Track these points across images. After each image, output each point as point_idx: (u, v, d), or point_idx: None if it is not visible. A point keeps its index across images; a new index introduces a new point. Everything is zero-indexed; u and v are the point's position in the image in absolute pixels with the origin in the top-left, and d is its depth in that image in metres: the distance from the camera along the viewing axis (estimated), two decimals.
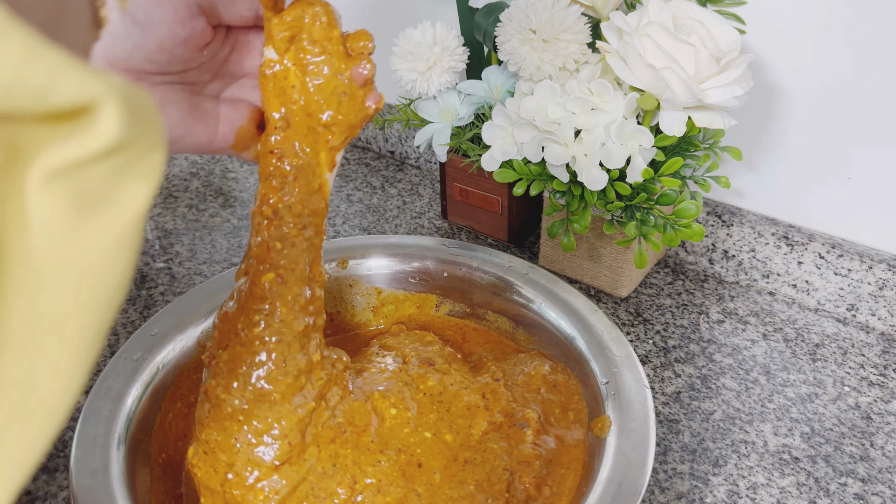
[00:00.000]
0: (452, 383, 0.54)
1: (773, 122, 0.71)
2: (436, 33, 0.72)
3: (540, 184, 0.66)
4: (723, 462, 0.58)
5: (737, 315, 0.73)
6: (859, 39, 0.63)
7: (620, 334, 0.56)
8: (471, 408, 0.53)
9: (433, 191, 0.94)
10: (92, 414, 0.51)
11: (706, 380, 0.66)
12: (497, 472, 0.49)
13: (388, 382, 0.53)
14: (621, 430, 0.49)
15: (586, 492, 0.45)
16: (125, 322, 0.74)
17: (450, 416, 0.52)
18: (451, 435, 0.51)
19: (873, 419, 0.61)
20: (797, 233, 0.72)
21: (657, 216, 0.63)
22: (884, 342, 0.69)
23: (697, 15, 0.58)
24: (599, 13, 0.63)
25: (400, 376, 0.53)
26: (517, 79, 0.68)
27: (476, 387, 0.54)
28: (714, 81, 0.58)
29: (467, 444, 0.51)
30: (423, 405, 0.52)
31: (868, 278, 0.69)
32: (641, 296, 0.75)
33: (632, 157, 0.61)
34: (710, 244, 0.78)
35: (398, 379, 0.53)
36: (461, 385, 0.54)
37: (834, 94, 0.66)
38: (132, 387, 0.53)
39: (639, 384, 0.52)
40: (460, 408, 0.53)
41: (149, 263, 0.83)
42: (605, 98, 0.61)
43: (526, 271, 0.62)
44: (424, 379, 0.54)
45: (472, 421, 0.52)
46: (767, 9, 0.66)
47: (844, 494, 0.56)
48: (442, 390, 0.53)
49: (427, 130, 0.75)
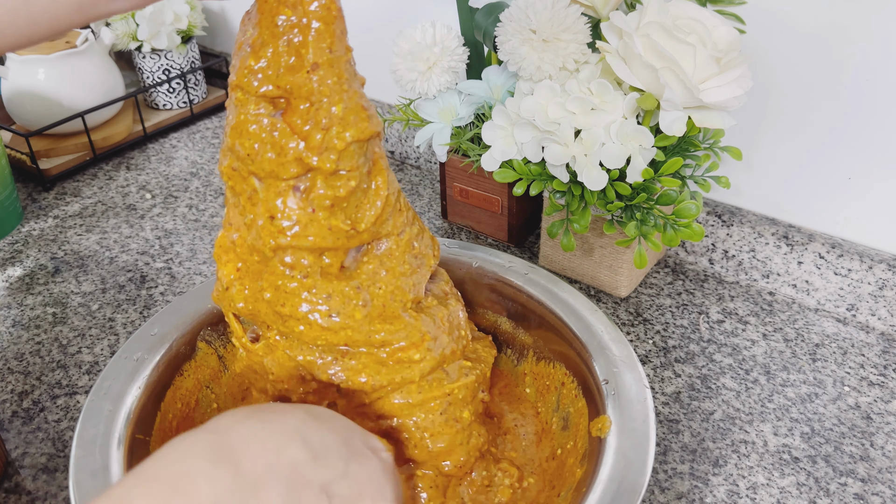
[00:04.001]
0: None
1: (773, 122, 0.71)
2: (436, 33, 0.72)
3: (540, 184, 0.66)
4: (723, 462, 0.58)
5: (737, 315, 0.73)
6: (859, 39, 0.63)
7: (620, 334, 0.56)
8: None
9: (433, 191, 0.94)
10: (92, 414, 0.51)
11: (706, 380, 0.66)
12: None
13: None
14: (621, 430, 0.49)
15: (586, 492, 0.45)
16: (125, 322, 0.74)
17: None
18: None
19: (873, 419, 0.61)
20: (797, 233, 0.72)
21: (657, 216, 0.63)
22: (884, 342, 0.69)
23: (697, 15, 0.58)
24: (599, 13, 0.63)
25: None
26: (517, 79, 0.68)
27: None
28: (714, 81, 0.58)
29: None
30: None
31: (868, 278, 0.69)
32: (641, 296, 0.75)
33: (632, 157, 0.61)
34: (710, 244, 0.78)
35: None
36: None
37: (834, 94, 0.66)
38: (132, 387, 0.53)
39: (639, 384, 0.52)
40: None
41: (149, 263, 0.83)
42: (605, 98, 0.61)
43: (526, 271, 0.62)
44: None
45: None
46: (767, 9, 0.66)
47: (844, 494, 0.56)
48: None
49: (427, 130, 0.75)
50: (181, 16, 1.08)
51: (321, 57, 0.43)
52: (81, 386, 0.67)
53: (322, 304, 0.48)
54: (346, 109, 0.44)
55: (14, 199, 0.89)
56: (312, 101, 0.44)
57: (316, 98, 0.44)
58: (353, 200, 0.47)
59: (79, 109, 1.00)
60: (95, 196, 0.96)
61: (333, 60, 0.44)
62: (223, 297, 0.50)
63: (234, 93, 0.45)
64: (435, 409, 0.52)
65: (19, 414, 0.64)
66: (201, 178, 1.00)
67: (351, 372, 0.50)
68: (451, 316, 0.54)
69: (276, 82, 0.43)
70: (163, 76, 1.11)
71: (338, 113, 0.44)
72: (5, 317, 0.75)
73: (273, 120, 0.44)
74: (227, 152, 0.46)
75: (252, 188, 0.46)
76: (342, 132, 0.44)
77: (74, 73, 1.00)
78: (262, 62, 0.43)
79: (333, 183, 0.45)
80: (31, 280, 0.81)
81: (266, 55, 0.43)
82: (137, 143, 1.07)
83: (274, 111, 0.44)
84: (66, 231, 0.89)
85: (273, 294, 0.48)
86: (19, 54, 0.99)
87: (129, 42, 1.08)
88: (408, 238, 0.52)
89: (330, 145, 0.44)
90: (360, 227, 0.48)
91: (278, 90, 0.43)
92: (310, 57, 0.43)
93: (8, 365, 0.69)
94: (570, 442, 0.54)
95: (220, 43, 1.23)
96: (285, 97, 0.44)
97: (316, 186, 0.45)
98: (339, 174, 0.45)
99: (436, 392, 0.52)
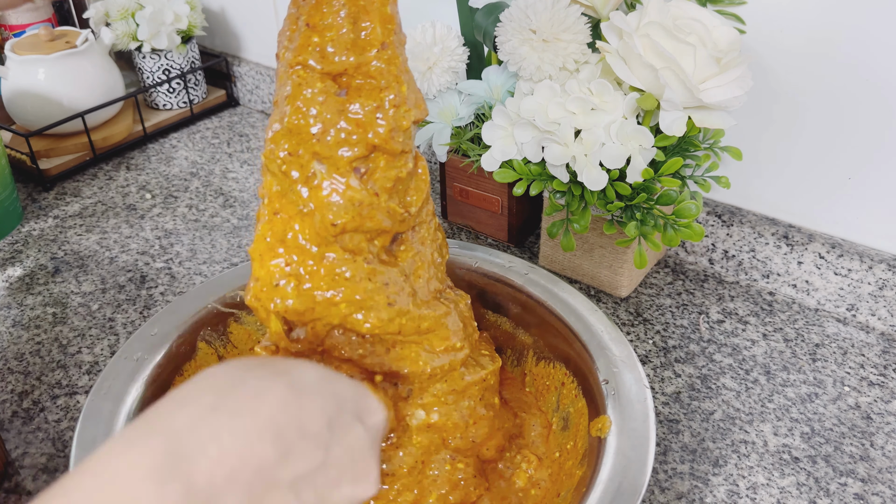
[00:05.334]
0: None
1: (773, 122, 0.71)
2: (436, 33, 0.72)
3: (540, 184, 0.66)
4: (723, 462, 0.58)
5: (737, 315, 0.73)
6: (859, 39, 0.63)
7: (620, 334, 0.56)
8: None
9: (433, 191, 0.94)
10: (92, 414, 0.51)
11: (706, 380, 0.66)
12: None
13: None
14: (621, 430, 0.49)
15: (586, 492, 0.45)
16: (125, 322, 0.74)
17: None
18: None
19: (873, 419, 0.61)
20: (797, 233, 0.72)
21: (657, 216, 0.63)
22: (884, 342, 0.69)
23: (697, 15, 0.58)
24: (599, 13, 0.63)
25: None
26: (517, 79, 0.68)
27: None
28: (714, 81, 0.58)
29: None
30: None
31: (868, 278, 0.69)
32: (641, 296, 0.75)
33: (632, 157, 0.61)
34: (710, 244, 0.78)
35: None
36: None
37: (834, 94, 0.66)
38: (132, 387, 0.53)
39: (639, 384, 0.52)
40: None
41: (149, 263, 0.83)
42: (605, 98, 0.61)
43: (526, 271, 0.62)
44: None
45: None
46: (767, 9, 0.66)
47: (844, 494, 0.56)
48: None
49: (427, 130, 0.75)
50: (181, 16, 1.08)
51: (388, 36, 0.43)
52: (81, 386, 0.67)
53: (380, 291, 0.46)
54: (409, 90, 0.44)
55: (14, 199, 0.89)
56: (379, 80, 0.43)
57: (385, 77, 0.43)
58: (407, 183, 0.47)
59: (79, 109, 1.00)
60: (95, 196, 0.96)
61: (399, 42, 0.44)
62: (268, 295, 0.46)
63: (295, 71, 0.43)
64: (475, 395, 0.52)
65: (19, 414, 0.64)
66: (201, 178, 1.00)
67: (403, 362, 0.49)
68: (468, 305, 0.55)
69: (342, 60, 0.42)
70: (163, 76, 1.11)
71: (403, 93, 0.44)
72: (5, 317, 0.76)
73: (339, 99, 0.43)
74: (284, 134, 0.44)
75: (308, 172, 0.44)
76: (408, 112, 0.44)
77: (74, 73, 1.00)
78: (326, 39, 0.42)
79: (397, 163, 0.45)
80: (31, 280, 0.81)
81: (330, 33, 0.42)
82: (137, 143, 1.07)
83: (339, 90, 0.43)
84: (66, 231, 0.89)
85: (329, 284, 0.45)
86: (19, 54, 0.99)
87: (129, 42, 1.08)
88: (435, 226, 0.52)
89: (398, 125, 0.44)
90: (412, 209, 0.47)
91: (344, 67, 0.42)
92: (378, 35, 0.42)
93: (8, 365, 0.69)
94: (570, 442, 0.54)
95: (220, 43, 1.23)
96: (350, 75, 0.43)
97: (379, 167, 0.44)
98: (402, 154, 0.45)
99: (476, 377, 0.52)
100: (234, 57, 1.20)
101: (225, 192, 0.96)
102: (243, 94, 1.20)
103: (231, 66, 1.19)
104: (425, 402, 0.51)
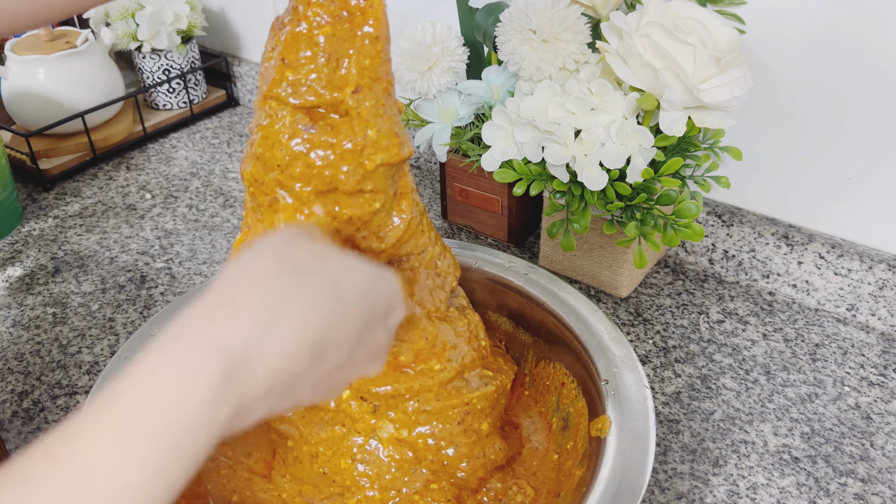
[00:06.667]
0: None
1: (773, 121, 0.71)
2: (436, 33, 0.72)
3: (540, 184, 0.66)
4: (723, 462, 0.58)
5: (737, 315, 0.73)
6: (859, 39, 0.63)
7: (620, 334, 0.56)
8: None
9: (433, 191, 0.94)
10: None
11: (706, 380, 0.66)
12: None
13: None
14: (621, 430, 0.49)
15: (586, 492, 0.45)
16: (125, 322, 0.74)
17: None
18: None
19: (873, 419, 0.61)
20: (797, 233, 0.72)
21: (657, 216, 0.63)
22: (884, 342, 0.69)
23: (697, 15, 0.58)
24: (599, 13, 0.63)
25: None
26: (517, 79, 0.68)
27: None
28: (714, 81, 0.58)
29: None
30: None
31: (868, 278, 0.69)
32: (641, 296, 0.75)
33: (632, 157, 0.61)
34: (710, 244, 0.78)
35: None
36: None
37: (834, 94, 0.66)
38: None
39: (639, 384, 0.52)
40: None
41: (149, 263, 0.83)
42: (605, 98, 0.61)
43: (526, 271, 0.62)
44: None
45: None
46: (767, 9, 0.66)
47: (844, 494, 0.56)
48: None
49: (427, 130, 0.75)
50: (181, 16, 1.08)
51: (363, 79, 0.44)
52: (81, 386, 0.67)
53: None
54: (380, 133, 0.45)
55: (14, 199, 0.89)
56: (350, 121, 0.44)
57: (356, 119, 0.44)
58: (377, 220, 0.47)
59: (79, 109, 1.00)
60: (95, 196, 0.96)
61: (374, 84, 0.44)
62: None
63: (268, 102, 0.45)
64: (453, 418, 0.52)
65: (19, 414, 0.64)
66: (201, 178, 1.00)
67: (369, 381, 0.50)
68: (471, 325, 0.55)
69: (315, 96, 0.43)
70: (163, 76, 1.11)
71: (371, 136, 0.45)
72: (5, 317, 0.75)
73: (308, 134, 0.44)
74: (253, 160, 0.46)
75: (273, 196, 0.46)
76: (373, 154, 0.45)
77: (74, 73, 1.00)
78: (301, 75, 0.43)
79: (356, 202, 0.46)
80: (31, 280, 0.81)
81: (307, 68, 0.43)
82: (137, 143, 1.07)
83: (310, 124, 0.44)
84: (66, 231, 0.89)
85: None
86: (19, 54, 0.99)
87: (129, 42, 1.08)
88: (430, 257, 0.53)
89: (359, 166, 0.45)
90: (381, 245, 0.48)
91: (316, 103, 0.44)
92: (353, 76, 0.43)
93: (8, 365, 0.69)
94: (570, 442, 0.54)
95: (220, 43, 1.23)
96: (324, 112, 0.44)
97: (339, 202, 0.45)
98: (361, 193, 0.46)
99: (454, 401, 0.51)
100: (234, 57, 1.20)
101: (225, 192, 0.96)
102: (243, 94, 1.20)
103: (231, 66, 1.19)
104: (395, 417, 0.51)
